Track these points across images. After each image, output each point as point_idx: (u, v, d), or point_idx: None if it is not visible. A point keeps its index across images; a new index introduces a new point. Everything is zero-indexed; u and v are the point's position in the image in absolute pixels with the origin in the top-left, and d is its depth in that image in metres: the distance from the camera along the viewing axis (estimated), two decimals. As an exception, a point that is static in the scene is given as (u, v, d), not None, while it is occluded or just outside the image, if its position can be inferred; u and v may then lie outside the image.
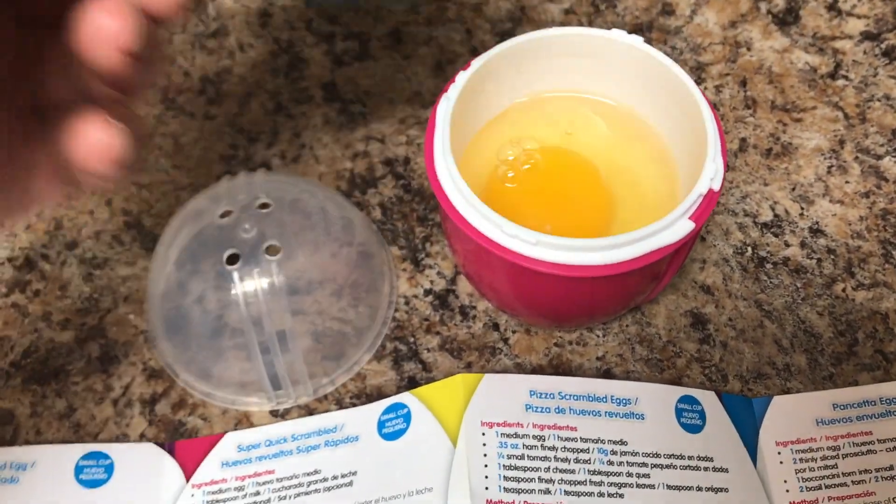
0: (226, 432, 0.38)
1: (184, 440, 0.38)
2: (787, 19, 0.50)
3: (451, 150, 0.35)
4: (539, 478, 0.33)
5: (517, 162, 0.38)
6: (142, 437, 0.39)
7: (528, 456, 0.34)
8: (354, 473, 0.35)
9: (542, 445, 0.34)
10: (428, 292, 0.42)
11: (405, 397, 0.36)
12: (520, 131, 0.39)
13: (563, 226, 0.36)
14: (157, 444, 0.38)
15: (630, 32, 0.37)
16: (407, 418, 0.35)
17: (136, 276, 0.43)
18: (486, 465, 0.33)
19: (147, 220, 0.45)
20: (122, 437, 0.39)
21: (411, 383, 0.40)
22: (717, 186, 0.34)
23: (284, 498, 0.35)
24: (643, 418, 0.36)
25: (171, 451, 0.38)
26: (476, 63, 0.36)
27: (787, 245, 0.43)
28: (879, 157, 0.45)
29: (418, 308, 0.42)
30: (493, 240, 0.33)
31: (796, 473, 0.37)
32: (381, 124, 0.47)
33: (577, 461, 0.34)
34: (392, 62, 0.49)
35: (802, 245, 0.43)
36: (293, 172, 0.45)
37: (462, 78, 0.36)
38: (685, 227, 0.33)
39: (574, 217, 0.38)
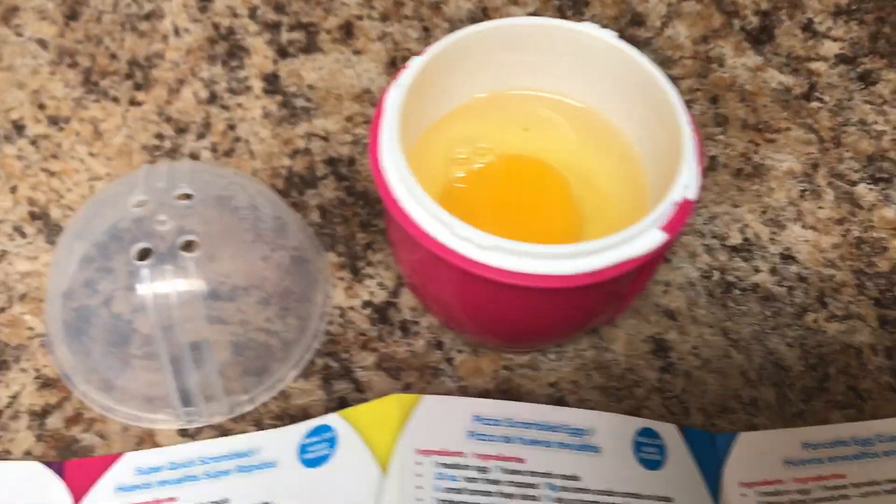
0: (124, 452, 0.33)
1: (75, 460, 0.33)
2: (760, 37, 0.48)
3: (400, 143, 0.31)
4: (480, 515, 0.29)
5: (469, 161, 0.34)
6: (27, 455, 0.34)
7: (467, 490, 0.30)
8: (269, 504, 0.31)
9: (484, 478, 0.30)
10: (367, 304, 0.38)
11: (331, 419, 0.32)
12: (475, 129, 0.35)
13: (522, 237, 0.33)
14: (44, 463, 0.33)
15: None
16: (332, 443, 0.31)
17: (38, 272, 0.38)
18: (419, 499, 0.29)
19: (55, 210, 0.40)
20: (4, 455, 0.34)
21: (341, 405, 0.35)
22: (692, 196, 0.30)
23: (187, 530, 0.31)
24: (598, 451, 0.32)
25: (59, 472, 0.33)
26: (433, 49, 0.33)
27: (757, 271, 0.40)
28: (854, 184, 0.43)
29: (354, 321, 0.38)
30: (442, 242, 0.29)
31: (763, 519, 0.34)
32: (325, 121, 0.43)
33: (523, 497, 0.30)
34: (342, 56, 0.45)
35: (773, 271, 0.40)
36: (225, 166, 0.41)
37: (416, 64, 0.32)
38: (656, 238, 0.29)
39: (536, 227, 0.34)
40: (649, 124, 0.33)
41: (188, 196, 0.34)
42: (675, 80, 0.46)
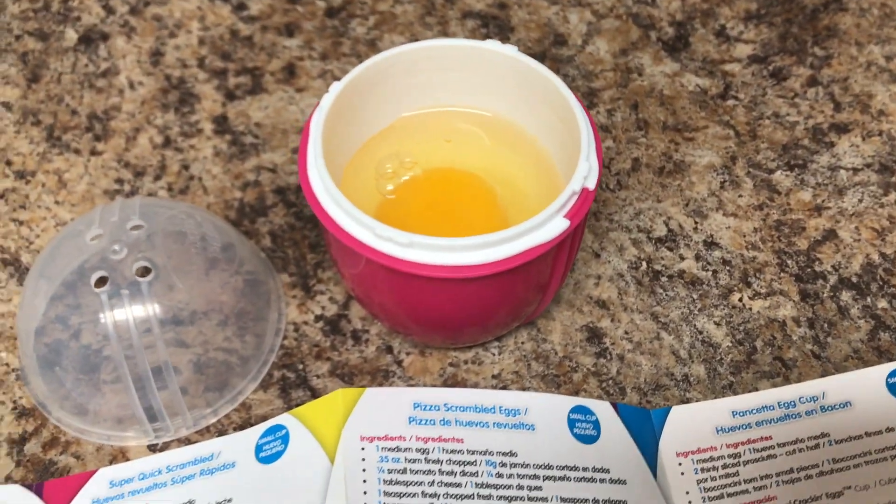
0: (98, 468, 0.36)
1: (53, 479, 0.36)
2: (676, 46, 0.51)
3: (326, 161, 0.34)
4: (423, 492, 0.32)
5: (396, 175, 0.37)
6: (8, 480, 0.36)
7: (410, 470, 0.32)
8: (230, 500, 0.33)
9: (425, 459, 0.33)
10: (319, 318, 0.41)
11: (284, 418, 0.34)
12: (402, 145, 0.39)
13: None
14: (24, 485, 0.36)
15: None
16: (285, 440, 0.34)
17: (11, 313, 0.41)
18: (364, 481, 0.31)
19: (25, 256, 0.43)
20: (-13, 481, 0.36)
21: (299, 410, 0.38)
22: (591, 185, 0.33)
23: (156, 532, 0.33)
24: (534, 429, 0.35)
25: (38, 493, 0.35)
26: (350, 74, 0.36)
27: (682, 258, 0.43)
28: (771, 172, 0.46)
29: (308, 334, 0.40)
30: (367, 244, 0.32)
31: (698, 483, 0.36)
32: (273, 154, 0.46)
33: (463, 474, 0.33)
34: (285, 95, 0.49)
35: (697, 258, 0.43)
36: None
37: (335, 88, 0.35)
38: (559, 225, 0.32)
39: (462, 229, 0.37)
40: (553, 125, 0.36)
41: (140, 227, 0.37)
42: (597, 91, 0.49)
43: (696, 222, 0.44)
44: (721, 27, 0.52)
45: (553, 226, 0.32)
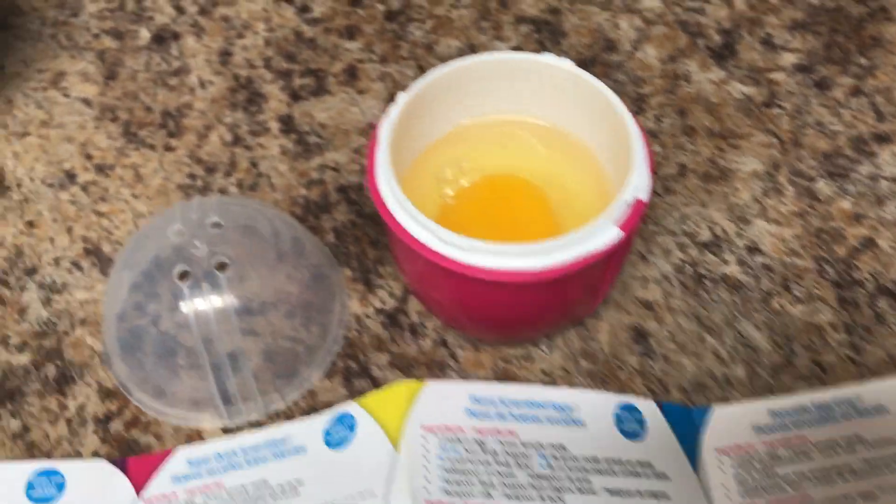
0: (177, 447, 0.39)
1: (135, 456, 0.39)
2: (723, 53, 0.53)
3: (392, 166, 0.36)
4: (480, 481, 0.34)
5: (454, 180, 0.40)
6: (95, 455, 0.40)
7: (468, 460, 0.35)
8: (301, 482, 0.36)
9: (482, 449, 0.35)
10: (379, 311, 0.44)
11: (350, 406, 0.37)
12: (460, 151, 0.41)
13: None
14: (109, 461, 0.39)
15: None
16: (352, 427, 0.36)
17: (94, 300, 0.44)
18: (426, 469, 0.34)
19: (106, 246, 0.46)
20: (76, 455, 0.39)
21: (361, 398, 0.41)
22: (644, 196, 0.35)
23: (232, 509, 0.36)
24: (583, 424, 0.37)
25: (122, 468, 0.38)
26: (416, 85, 0.38)
27: (726, 263, 0.45)
28: (812, 180, 0.47)
29: (369, 327, 0.43)
30: (430, 247, 0.34)
31: (736, 480, 0.38)
32: (336, 154, 0.49)
33: (517, 465, 0.35)
34: (347, 96, 0.51)
35: (740, 262, 0.45)
36: (249, 198, 0.47)
37: (402, 99, 0.38)
38: (612, 234, 0.34)
39: (518, 234, 0.39)
40: (605, 136, 0.38)
41: (218, 224, 0.40)
42: (645, 97, 0.51)
43: (739, 228, 0.46)
44: (767, 35, 0.53)
45: (606, 235, 0.34)
